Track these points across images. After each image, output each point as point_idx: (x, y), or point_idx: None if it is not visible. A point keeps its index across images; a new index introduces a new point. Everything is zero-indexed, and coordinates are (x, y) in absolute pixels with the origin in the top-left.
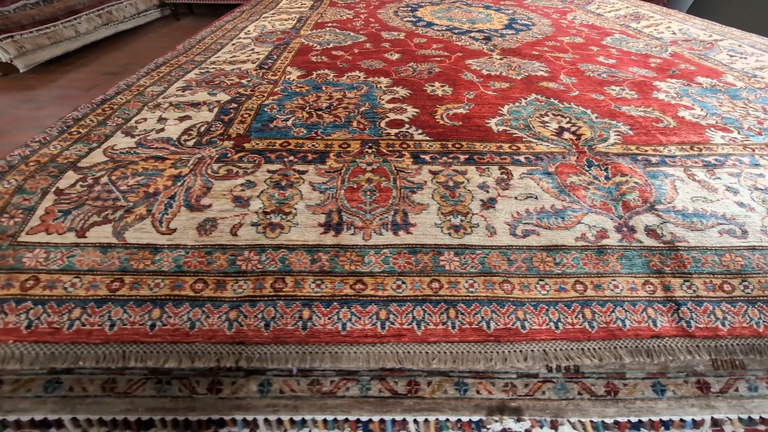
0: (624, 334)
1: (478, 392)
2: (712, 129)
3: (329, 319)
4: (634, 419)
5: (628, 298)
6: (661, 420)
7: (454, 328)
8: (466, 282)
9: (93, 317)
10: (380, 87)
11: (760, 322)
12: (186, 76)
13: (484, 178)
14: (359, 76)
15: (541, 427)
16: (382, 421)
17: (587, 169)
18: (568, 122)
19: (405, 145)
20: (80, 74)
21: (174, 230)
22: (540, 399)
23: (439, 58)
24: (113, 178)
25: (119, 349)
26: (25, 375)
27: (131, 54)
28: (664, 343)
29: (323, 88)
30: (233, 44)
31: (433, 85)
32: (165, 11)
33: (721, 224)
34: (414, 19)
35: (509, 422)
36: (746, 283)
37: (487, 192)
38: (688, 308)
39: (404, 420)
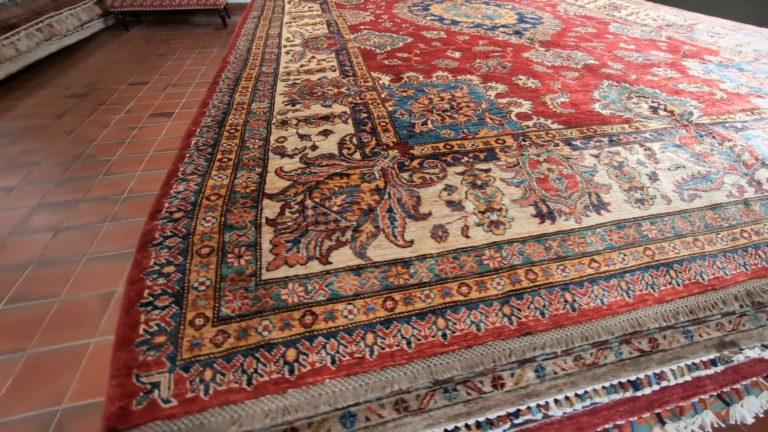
0: None
1: (700, 336)
2: (753, 96)
3: (588, 297)
4: None
5: None
6: None
7: (679, 285)
8: (669, 245)
9: (387, 339)
10: (476, 84)
11: None
12: (277, 90)
13: (636, 156)
14: (447, 77)
15: (763, 350)
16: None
17: (702, 138)
18: (653, 102)
19: (551, 135)
20: (39, 99)
21: (411, 242)
22: (743, 330)
23: (498, 54)
24: (317, 200)
25: (425, 364)
26: (316, 416)
27: (90, 71)
28: None
29: (425, 90)
30: (286, 53)
31: (519, 79)
32: (109, 21)
33: None
34: (435, 17)
35: (747, 351)
36: None
37: (646, 167)
38: None
39: (662, 372)
